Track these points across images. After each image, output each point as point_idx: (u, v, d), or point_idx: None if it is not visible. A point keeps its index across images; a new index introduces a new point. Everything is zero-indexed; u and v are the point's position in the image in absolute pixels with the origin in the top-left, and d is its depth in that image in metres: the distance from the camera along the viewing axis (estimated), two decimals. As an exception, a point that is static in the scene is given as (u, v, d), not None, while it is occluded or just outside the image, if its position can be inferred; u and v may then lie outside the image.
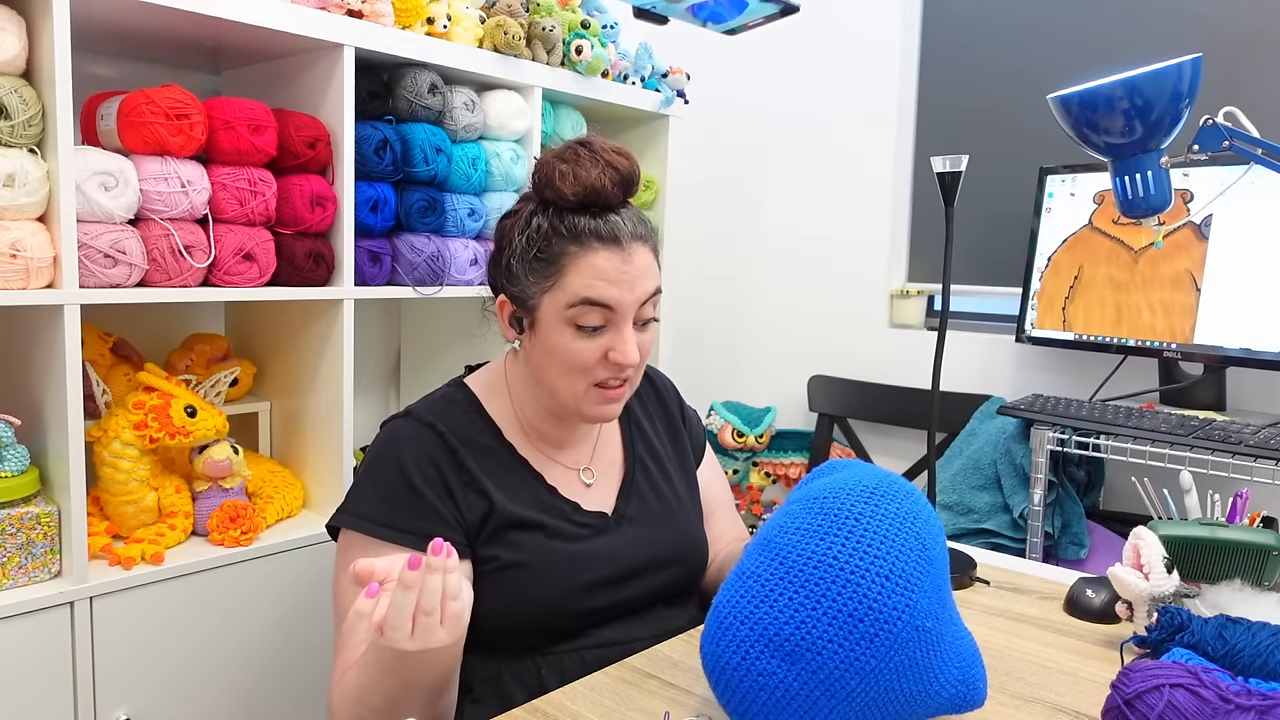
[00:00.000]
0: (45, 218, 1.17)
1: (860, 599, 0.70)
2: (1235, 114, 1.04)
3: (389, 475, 0.98)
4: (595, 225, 0.95)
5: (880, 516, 0.74)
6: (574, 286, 0.95)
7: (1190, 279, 1.76)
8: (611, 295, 0.94)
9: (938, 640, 0.74)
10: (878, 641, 0.70)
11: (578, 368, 0.97)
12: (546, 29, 1.68)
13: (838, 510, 0.74)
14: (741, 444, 2.38)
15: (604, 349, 0.96)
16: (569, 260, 0.95)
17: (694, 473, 1.20)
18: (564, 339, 0.96)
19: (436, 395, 1.07)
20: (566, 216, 0.96)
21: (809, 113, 2.51)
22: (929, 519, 0.77)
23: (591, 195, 0.95)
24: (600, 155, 0.96)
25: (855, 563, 0.71)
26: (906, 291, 2.38)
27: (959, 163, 1.19)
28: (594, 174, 0.95)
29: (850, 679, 0.70)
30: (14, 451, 1.22)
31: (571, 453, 1.09)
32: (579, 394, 0.99)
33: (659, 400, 1.22)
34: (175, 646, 1.32)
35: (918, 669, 0.72)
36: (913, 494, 0.78)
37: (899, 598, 0.70)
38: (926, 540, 0.74)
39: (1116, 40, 2.05)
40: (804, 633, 0.70)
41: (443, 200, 1.60)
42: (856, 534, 0.72)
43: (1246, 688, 0.68)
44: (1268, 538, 1.02)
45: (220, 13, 1.27)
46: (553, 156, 0.97)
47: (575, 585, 0.99)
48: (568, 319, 0.96)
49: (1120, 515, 1.95)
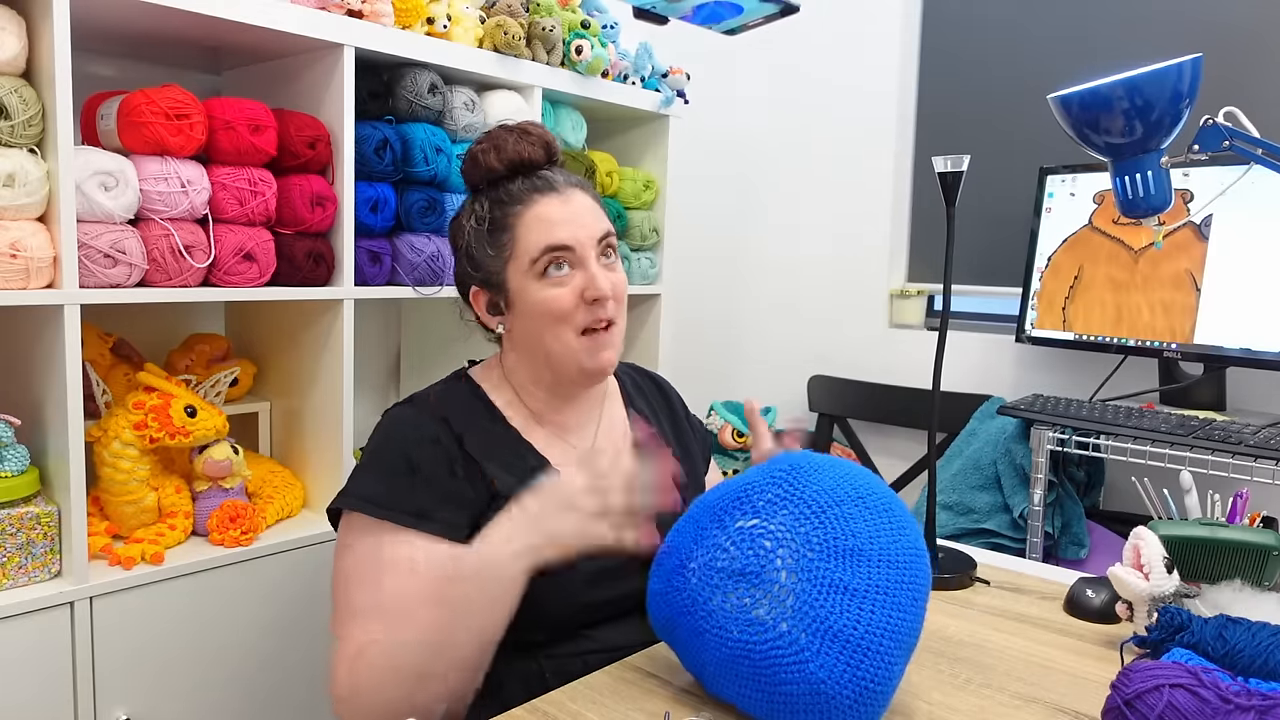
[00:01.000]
0: (45, 218, 1.17)
1: (930, 571, 0.82)
2: (1235, 114, 1.04)
3: (392, 458, 0.98)
4: (530, 183, 1.02)
5: (894, 495, 0.85)
6: (529, 240, 1.00)
7: (1190, 279, 1.76)
8: (564, 235, 0.99)
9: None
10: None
11: (559, 315, 1.00)
12: (546, 29, 1.68)
13: (885, 504, 0.82)
14: (741, 444, 2.38)
15: (578, 291, 1.00)
16: (515, 220, 1.01)
17: (701, 474, 1.20)
18: (539, 294, 1.00)
19: (438, 386, 1.08)
20: (502, 186, 1.03)
21: (809, 113, 2.51)
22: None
23: (518, 161, 1.03)
24: (515, 128, 1.04)
25: (923, 543, 0.82)
26: (906, 291, 2.38)
27: (960, 163, 1.19)
28: (511, 142, 1.03)
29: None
30: (14, 451, 1.22)
31: (576, 434, 1.09)
32: (571, 347, 1.01)
33: (663, 398, 1.23)
34: (175, 646, 1.32)
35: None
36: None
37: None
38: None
39: (1116, 40, 2.05)
40: (920, 621, 0.79)
41: (443, 200, 1.60)
42: (907, 516, 0.83)
43: (1246, 688, 0.68)
44: (1268, 538, 1.02)
45: (220, 13, 1.27)
46: (473, 146, 1.06)
47: (580, 574, 0.98)
48: (535, 273, 1.00)
49: (1120, 515, 1.96)
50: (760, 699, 0.77)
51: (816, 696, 0.73)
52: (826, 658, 0.74)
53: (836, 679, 0.73)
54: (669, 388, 1.25)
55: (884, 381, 2.37)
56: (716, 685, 0.82)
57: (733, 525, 0.82)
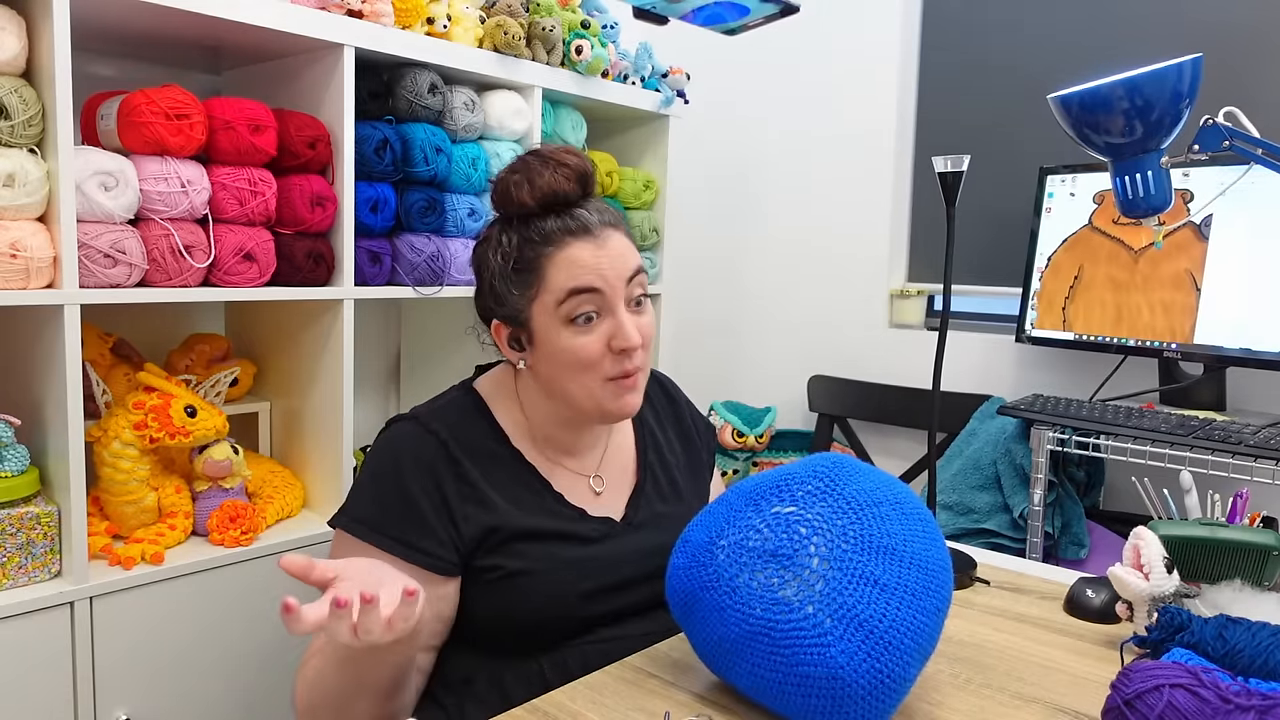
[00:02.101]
0: (45, 218, 1.17)
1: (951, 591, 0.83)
2: (1235, 114, 1.04)
3: (386, 481, 0.97)
4: (563, 223, 0.96)
5: (929, 512, 0.86)
6: (557, 283, 0.95)
7: (1190, 279, 1.76)
8: (594, 279, 0.95)
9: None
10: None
11: (585, 364, 0.96)
12: (546, 29, 1.68)
13: (921, 514, 0.83)
14: (741, 444, 2.38)
15: (605, 338, 0.96)
16: (545, 261, 0.96)
17: (706, 481, 1.19)
18: (563, 339, 0.96)
19: (443, 399, 1.06)
20: (533, 224, 0.97)
21: (809, 113, 2.51)
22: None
23: (551, 196, 0.96)
24: (550, 158, 0.98)
25: (950, 562, 0.83)
26: (906, 291, 2.38)
27: (960, 162, 1.19)
28: (547, 176, 0.96)
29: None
30: (14, 451, 1.22)
31: (581, 460, 1.08)
32: (595, 393, 0.98)
33: (670, 403, 1.21)
34: (175, 646, 1.32)
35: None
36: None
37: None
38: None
39: (1116, 40, 2.05)
40: (938, 634, 0.79)
41: (443, 200, 1.60)
42: (938, 532, 0.84)
43: (1246, 688, 0.68)
44: (1268, 538, 1.02)
45: (220, 13, 1.27)
46: (505, 173, 1.00)
47: (577, 591, 0.98)
48: (561, 317, 0.96)
49: (1120, 515, 1.96)
50: (773, 679, 0.77)
51: (833, 681, 0.74)
52: (849, 644, 0.74)
53: (856, 666, 0.74)
54: (674, 389, 1.23)
55: (884, 381, 2.37)
56: (725, 664, 0.82)
57: (769, 510, 0.84)
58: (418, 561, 0.94)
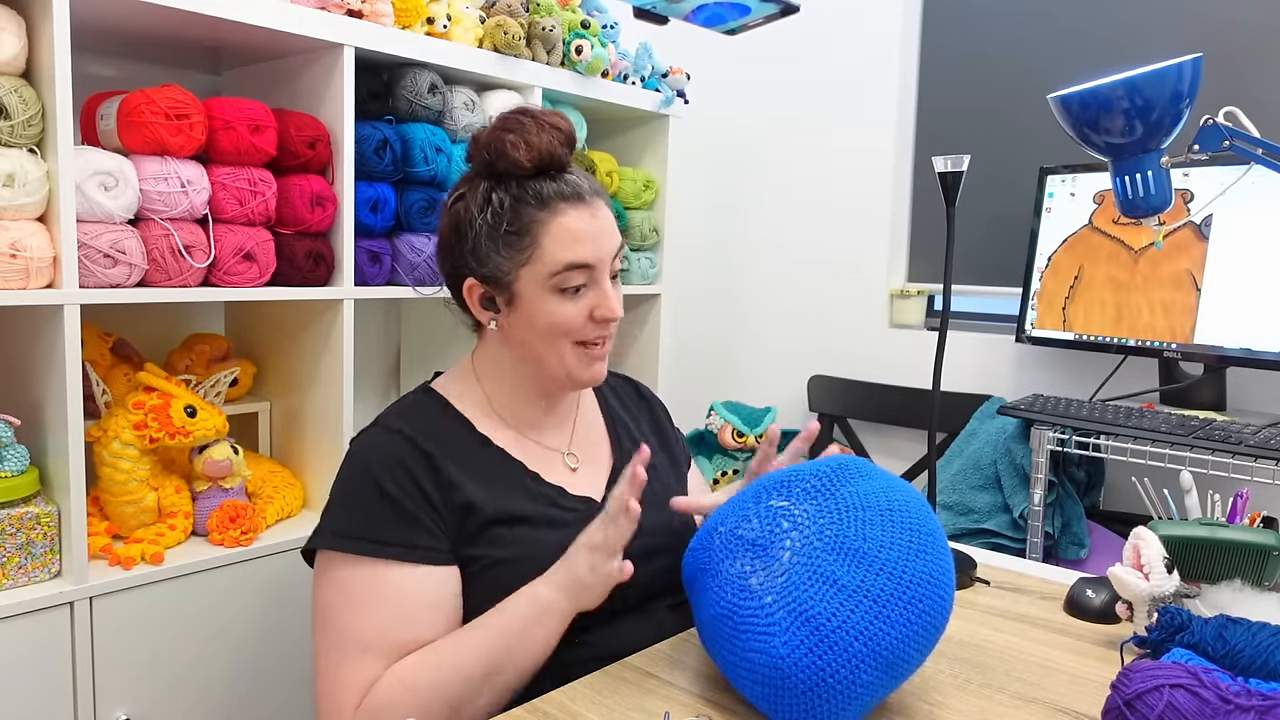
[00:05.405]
0: (45, 218, 1.17)
1: (946, 611, 0.80)
2: (1235, 114, 1.04)
3: (362, 489, 0.95)
4: (558, 187, 0.97)
5: (938, 529, 0.84)
6: (554, 253, 0.96)
7: (1190, 279, 1.76)
8: (590, 254, 0.97)
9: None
10: (936, 642, 0.81)
11: (564, 330, 0.98)
12: (546, 29, 1.68)
13: (917, 525, 0.81)
14: (741, 444, 2.38)
15: (589, 308, 0.98)
16: (540, 227, 0.96)
17: (684, 472, 1.20)
18: (549, 305, 0.97)
19: (401, 403, 1.05)
20: (527, 185, 0.97)
21: (809, 112, 2.51)
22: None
23: (547, 159, 0.96)
24: (543, 120, 0.98)
25: (947, 580, 0.80)
26: (906, 291, 2.38)
27: (960, 162, 1.18)
28: (544, 139, 0.96)
29: (909, 673, 0.79)
30: (14, 451, 1.22)
31: (552, 435, 1.07)
32: (566, 358, 1.00)
33: (640, 399, 1.22)
34: (175, 646, 1.32)
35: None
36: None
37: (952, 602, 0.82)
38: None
39: (1116, 40, 2.04)
40: (909, 648, 0.77)
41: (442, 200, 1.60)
42: (939, 548, 0.81)
43: (1246, 688, 0.68)
44: (1268, 538, 1.02)
45: (220, 13, 1.27)
46: (497, 130, 0.98)
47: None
48: (552, 286, 0.97)
49: (1120, 515, 1.95)
50: (732, 661, 0.81)
51: (774, 671, 0.76)
52: (792, 636, 0.76)
53: (796, 660, 0.75)
54: (647, 392, 1.24)
55: (884, 381, 2.37)
56: (708, 644, 0.86)
57: (766, 501, 0.86)
58: (419, 559, 0.93)
